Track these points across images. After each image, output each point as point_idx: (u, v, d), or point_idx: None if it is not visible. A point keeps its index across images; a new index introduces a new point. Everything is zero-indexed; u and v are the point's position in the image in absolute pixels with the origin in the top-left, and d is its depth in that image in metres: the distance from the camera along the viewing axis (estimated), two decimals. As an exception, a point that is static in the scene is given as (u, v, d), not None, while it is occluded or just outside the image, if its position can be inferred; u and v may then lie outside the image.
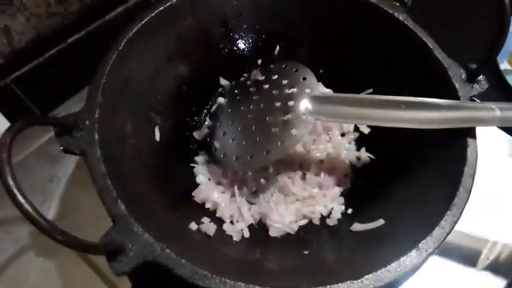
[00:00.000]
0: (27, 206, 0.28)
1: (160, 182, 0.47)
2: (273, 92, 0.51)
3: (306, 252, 0.44)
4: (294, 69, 0.51)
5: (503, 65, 0.71)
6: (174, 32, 0.52)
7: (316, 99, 0.47)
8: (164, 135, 0.51)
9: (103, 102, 0.42)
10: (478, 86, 0.46)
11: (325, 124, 0.56)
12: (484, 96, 0.47)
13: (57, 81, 0.62)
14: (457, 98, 0.45)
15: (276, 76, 0.52)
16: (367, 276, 0.34)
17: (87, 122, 0.41)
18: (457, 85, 0.45)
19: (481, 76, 0.46)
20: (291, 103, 0.48)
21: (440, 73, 0.47)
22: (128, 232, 0.35)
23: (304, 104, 0.47)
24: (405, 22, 0.50)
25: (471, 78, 0.46)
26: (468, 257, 0.53)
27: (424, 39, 0.49)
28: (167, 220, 0.43)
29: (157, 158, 0.49)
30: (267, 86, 0.52)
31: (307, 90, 0.48)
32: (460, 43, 0.73)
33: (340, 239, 0.47)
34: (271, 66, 0.55)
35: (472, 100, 0.46)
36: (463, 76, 0.46)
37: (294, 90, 0.49)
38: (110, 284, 0.50)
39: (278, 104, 0.49)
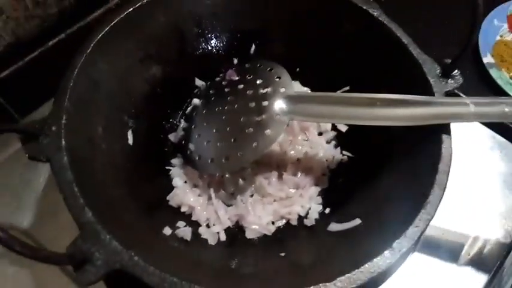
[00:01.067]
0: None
1: (133, 187, 0.46)
2: (248, 92, 0.50)
3: (282, 255, 0.44)
4: (268, 69, 0.50)
5: (487, 58, 0.70)
6: (146, 32, 0.51)
7: (291, 98, 0.46)
8: (138, 138, 0.50)
9: (70, 106, 0.41)
10: (452, 81, 0.46)
11: (302, 124, 0.55)
12: (467, 90, 0.47)
13: (38, 84, 0.61)
14: (432, 93, 0.44)
15: (251, 76, 0.52)
16: (340, 278, 0.34)
17: (53, 128, 0.40)
18: (431, 81, 0.45)
19: (456, 71, 0.46)
20: (265, 103, 0.47)
21: (415, 69, 0.46)
22: (95, 240, 0.34)
23: (279, 104, 0.46)
24: (380, 18, 0.50)
25: (446, 74, 0.46)
26: (449, 252, 0.52)
27: (398, 35, 0.48)
28: (140, 226, 0.42)
29: (130, 162, 0.48)
30: (241, 86, 0.51)
31: (282, 90, 0.47)
32: (434, 38, 0.74)
33: (318, 239, 0.46)
34: (246, 65, 0.54)
35: (452, 95, 0.45)
36: (438, 72, 0.46)
37: (268, 89, 0.48)
38: (87, 292, 0.49)
39: (252, 104, 0.48)
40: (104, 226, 0.35)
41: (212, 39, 0.57)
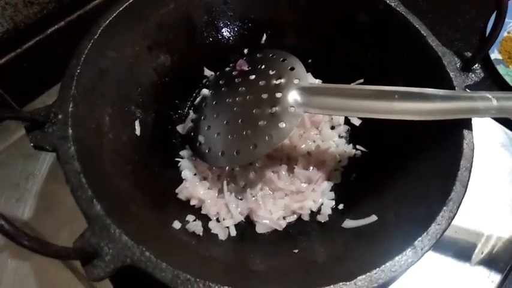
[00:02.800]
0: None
1: (140, 179, 0.44)
2: (260, 82, 0.48)
3: (295, 251, 0.42)
4: (281, 59, 0.49)
5: (494, 55, 0.70)
6: (155, 19, 0.50)
7: (305, 90, 0.45)
8: (145, 129, 0.49)
9: (77, 94, 0.40)
10: (473, 75, 0.44)
11: (313, 118, 0.53)
12: (475, 86, 0.45)
13: (36, 72, 0.60)
14: (452, 87, 0.43)
15: (262, 66, 0.50)
16: (360, 277, 0.32)
17: (59, 116, 0.38)
18: (451, 74, 0.44)
19: (477, 65, 0.44)
20: (278, 95, 0.45)
21: (435, 62, 0.45)
22: (104, 234, 0.33)
23: (293, 96, 0.44)
24: (397, 8, 0.48)
25: (466, 67, 0.44)
26: (462, 251, 0.52)
27: (417, 26, 0.47)
28: (148, 220, 0.41)
29: (138, 154, 0.46)
30: (253, 77, 0.50)
31: (296, 81, 0.45)
32: (454, 31, 0.73)
33: (331, 236, 0.45)
34: (258, 55, 0.52)
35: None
36: (458, 65, 0.44)
37: (282, 80, 0.46)
38: (90, 286, 0.48)
39: (265, 95, 0.46)
40: (113, 219, 0.33)
41: (222, 28, 0.56)
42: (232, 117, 0.48)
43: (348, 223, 0.44)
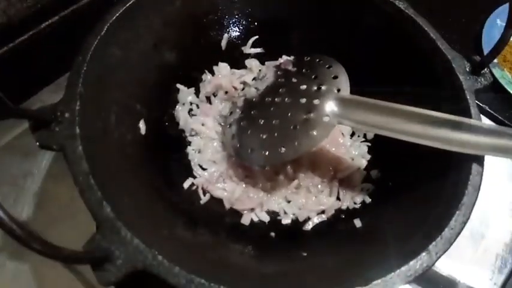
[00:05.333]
0: (-1, 212, 0.24)
1: (146, 179, 0.43)
2: (301, 86, 0.47)
3: (304, 254, 0.42)
4: (326, 66, 0.47)
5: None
6: (161, 17, 0.49)
7: (344, 101, 0.43)
8: (150, 127, 0.48)
9: (84, 92, 0.38)
10: (482, 79, 0.44)
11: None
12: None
13: (30, 69, 0.58)
14: (462, 90, 0.43)
15: (307, 70, 0.49)
16: (375, 282, 0.32)
17: (66, 115, 0.37)
18: (461, 77, 0.43)
19: (486, 69, 0.44)
20: (316, 101, 0.44)
21: (444, 65, 0.44)
22: (115, 237, 0.32)
23: (330, 106, 0.43)
24: (407, 11, 0.48)
25: (475, 71, 0.44)
26: (464, 253, 0.52)
27: (426, 29, 0.46)
28: (157, 222, 0.40)
29: (142, 153, 0.46)
30: (295, 80, 0.49)
31: (336, 90, 0.44)
32: (450, 34, 0.73)
33: (341, 239, 0.44)
34: (305, 58, 0.51)
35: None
36: (467, 68, 0.44)
37: (323, 88, 0.45)
38: (89, 286, 0.47)
39: (303, 100, 0.45)
40: (124, 222, 0.32)
41: (229, 26, 0.55)
42: (267, 117, 0.47)
43: (358, 223, 0.44)
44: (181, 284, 0.31)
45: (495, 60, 0.70)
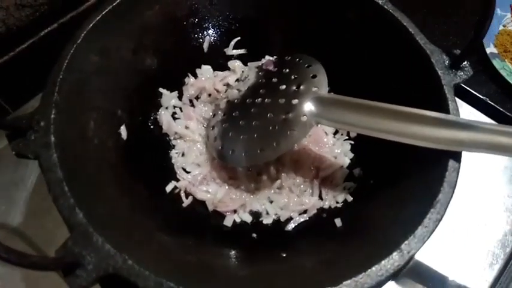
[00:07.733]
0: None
1: (127, 185, 0.44)
2: (281, 87, 0.47)
3: (284, 255, 0.42)
4: (306, 65, 0.47)
5: (490, 49, 0.69)
6: (139, 22, 0.49)
7: (322, 100, 0.43)
8: (132, 133, 0.48)
9: (60, 100, 0.39)
10: (462, 73, 0.43)
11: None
12: (470, 81, 0.44)
13: (29, 76, 0.59)
14: (441, 86, 0.42)
15: (287, 70, 0.49)
16: (345, 282, 0.32)
17: (42, 123, 0.38)
18: (439, 72, 0.43)
19: (466, 62, 0.44)
20: (294, 101, 0.44)
21: (422, 60, 0.44)
22: (87, 243, 0.32)
23: (308, 105, 0.43)
24: (385, 6, 0.47)
25: (455, 65, 0.43)
26: (456, 248, 0.51)
27: (404, 24, 0.46)
28: (134, 227, 0.40)
29: (124, 158, 0.46)
30: (276, 80, 0.49)
31: (314, 89, 0.44)
32: (443, 28, 0.72)
33: (321, 239, 0.44)
34: (286, 58, 0.51)
35: (460, 91, 0.43)
36: (447, 62, 0.43)
37: (301, 87, 0.45)
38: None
39: (282, 100, 0.46)
40: (96, 228, 0.33)
41: (210, 28, 0.55)
42: (248, 118, 0.48)
43: (338, 222, 0.44)
44: (151, 287, 0.31)
45: (495, 51, 0.68)
